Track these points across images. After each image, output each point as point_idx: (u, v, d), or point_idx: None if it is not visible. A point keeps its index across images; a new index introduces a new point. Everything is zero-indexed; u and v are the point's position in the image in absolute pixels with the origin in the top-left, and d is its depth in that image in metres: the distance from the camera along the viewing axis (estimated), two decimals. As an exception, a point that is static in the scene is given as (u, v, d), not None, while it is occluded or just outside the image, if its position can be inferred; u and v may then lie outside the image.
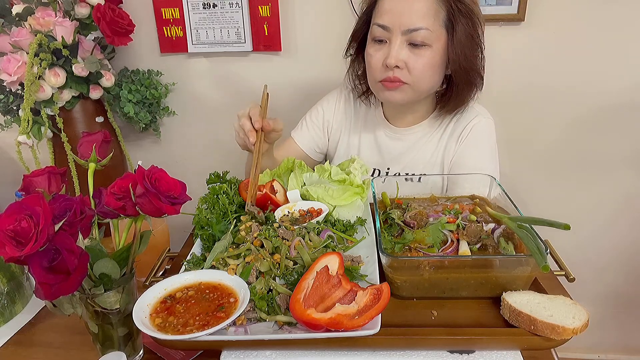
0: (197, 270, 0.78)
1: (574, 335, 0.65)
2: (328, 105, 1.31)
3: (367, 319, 0.64)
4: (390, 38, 1.03)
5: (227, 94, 1.67)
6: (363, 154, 1.26)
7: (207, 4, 1.52)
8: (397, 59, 1.02)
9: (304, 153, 1.31)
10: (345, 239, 0.89)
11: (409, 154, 1.22)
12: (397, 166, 1.23)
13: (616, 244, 1.70)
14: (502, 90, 1.53)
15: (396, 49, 1.02)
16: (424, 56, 1.03)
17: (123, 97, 1.50)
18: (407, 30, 1.00)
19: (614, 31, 1.42)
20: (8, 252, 0.56)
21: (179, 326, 0.65)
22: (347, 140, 1.28)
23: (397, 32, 1.01)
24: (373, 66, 1.07)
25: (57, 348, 0.82)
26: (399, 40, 1.02)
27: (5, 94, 1.38)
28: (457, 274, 0.76)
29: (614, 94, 1.50)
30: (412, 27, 1.00)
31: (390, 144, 1.23)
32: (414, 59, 1.03)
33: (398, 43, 1.02)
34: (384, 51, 1.05)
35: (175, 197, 0.69)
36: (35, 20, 1.30)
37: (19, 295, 0.93)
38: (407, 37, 1.01)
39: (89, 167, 0.79)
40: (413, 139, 1.21)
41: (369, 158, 1.25)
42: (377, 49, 1.06)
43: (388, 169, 1.24)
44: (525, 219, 0.80)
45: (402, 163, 1.22)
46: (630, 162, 1.58)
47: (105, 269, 0.67)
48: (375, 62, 1.06)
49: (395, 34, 1.02)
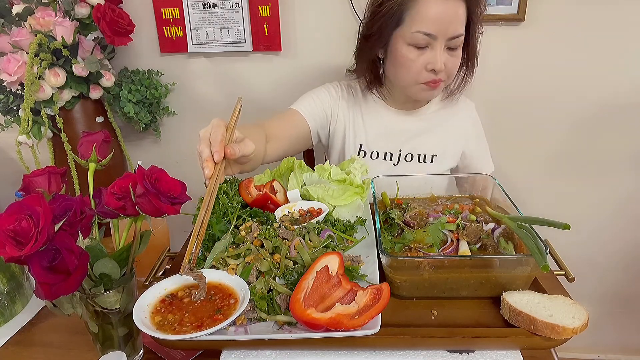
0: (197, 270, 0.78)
1: (573, 335, 0.66)
2: (332, 95, 1.29)
3: (367, 318, 0.64)
4: (434, 45, 1.06)
5: (227, 94, 1.67)
6: (372, 141, 1.27)
7: (207, 4, 1.52)
8: (443, 63, 1.07)
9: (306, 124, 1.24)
10: (345, 239, 0.89)
11: (419, 135, 1.26)
12: (407, 147, 1.26)
13: (616, 243, 1.70)
14: (502, 90, 1.53)
15: (441, 54, 1.07)
16: (457, 57, 1.11)
17: (123, 97, 1.50)
18: (451, 38, 1.06)
19: (613, 31, 1.42)
20: (8, 252, 0.56)
21: (176, 324, 0.65)
22: (353, 130, 1.28)
23: (443, 40, 1.06)
24: (415, 70, 1.10)
25: (57, 348, 0.82)
26: (442, 45, 1.06)
27: (5, 94, 1.38)
28: (457, 273, 0.76)
29: (614, 94, 1.50)
30: (456, 34, 1.06)
31: (398, 127, 1.27)
32: (451, 61, 1.09)
33: (441, 49, 1.07)
34: (426, 56, 1.08)
35: (175, 197, 0.70)
36: (35, 20, 1.30)
37: (19, 295, 0.93)
38: (448, 43, 1.07)
39: (89, 167, 0.79)
40: (420, 121, 1.27)
41: (378, 143, 1.27)
42: (418, 54, 1.08)
43: (400, 150, 1.26)
44: (525, 219, 0.80)
45: (412, 144, 1.26)
46: (630, 162, 1.58)
47: (105, 269, 0.67)
48: (417, 67, 1.09)
49: (440, 41, 1.06)
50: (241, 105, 0.82)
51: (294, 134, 1.22)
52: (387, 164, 1.26)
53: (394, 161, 1.26)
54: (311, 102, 1.26)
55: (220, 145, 0.76)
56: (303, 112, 1.24)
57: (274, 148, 1.12)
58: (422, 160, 1.25)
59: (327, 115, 1.28)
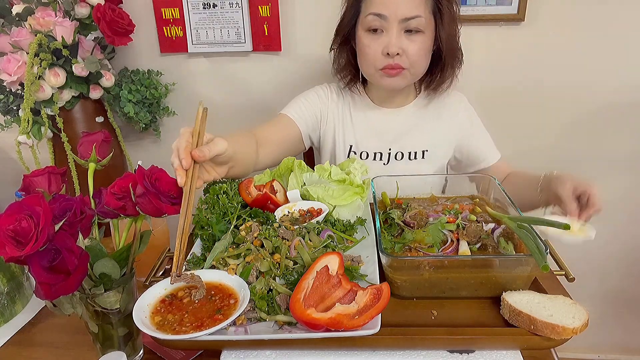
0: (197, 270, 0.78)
1: (573, 335, 0.65)
2: (321, 97, 1.31)
3: (367, 318, 0.64)
4: (387, 27, 1.07)
5: (227, 94, 1.67)
6: (361, 141, 1.27)
7: (207, 4, 1.52)
8: (397, 46, 1.07)
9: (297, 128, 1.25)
10: (345, 239, 0.89)
11: (407, 132, 1.26)
12: (396, 146, 1.26)
13: (616, 243, 1.70)
14: (502, 90, 1.53)
15: (395, 37, 1.06)
16: (417, 42, 1.08)
17: (123, 97, 1.50)
18: (404, 19, 1.05)
19: (613, 31, 1.42)
20: (8, 252, 0.56)
21: (175, 324, 0.65)
22: (343, 132, 1.29)
23: (394, 21, 1.06)
24: (371, 55, 1.11)
25: (57, 348, 0.82)
26: (396, 28, 1.06)
27: (5, 94, 1.38)
28: (457, 273, 0.76)
29: (614, 94, 1.50)
30: (409, 15, 1.05)
31: (386, 125, 1.27)
32: (410, 45, 1.08)
33: (396, 31, 1.06)
34: (381, 41, 1.08)
35: (175, 197, 0.70)
36: (35, 20, 1.30)
37: (19, 295, 0.93)
38: (403, 25, 1.06)
39: (89, 167, 0.79)
40: (407, 118, 1.27)
41: (368, 144, 1.27)
42: (373, 39, 1.10)
43: (390, 149, 1.26)
44: (525, 219, 0.80)
45: (401, 142, 1.26)
46: (630, 162, 1.58)
47: (105, 269, 0.67)
48: (373, 52, 1.10)
49: (392, 23, 1.06)
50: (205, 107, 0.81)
51: (285, 138, 1.23)
52: (377, 164, 1.26)
53: (384, 160, 1.26)
54: (300, 106, 1.27)
55: (185, 152, 0.75)
56: (293, 115, 1.25)
57: (266, 153, 1.13)
58: (412, 158, 1.25)
59: (317, 118, 1.30)
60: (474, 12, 1.44)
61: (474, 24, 1.46)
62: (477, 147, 1.28)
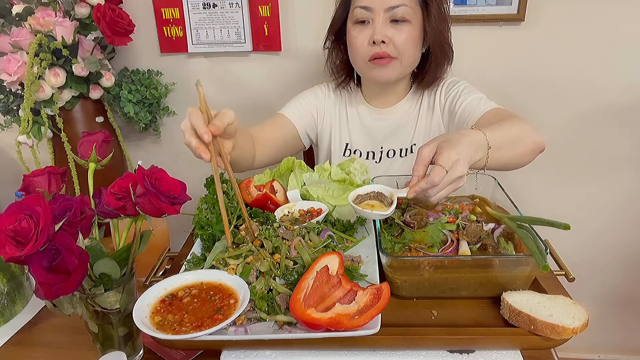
0: (197, 270, 0.78)
1: (573, 335, 0.66)
2: (318, 96, 1.32)
3: (367, 318, 0.64)
4: (373, 17, 1.09)
5: (227, 94, 1.66)
6: (354, 139, 1.29)
7: (207, 4, 1.52)
8: (382, 34, 1.08)
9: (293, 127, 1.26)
10: (345, 239, 0.89)
11: (397, 131, 1.27)
12: (388, 144, 1.27)
13: (616, 243, 1.70)
14: (502, 90, 1.53)
15: (380, 25, 1.08)
16: (404, 31, 1.10)
17: (123, 97, 1.50)
18: (389, 8, 1.08)
19: (613, 31, 1.42)
20: (8, 252, 0.56)
21: (175, 324, 0.65)
22: (339, 130, 1.30)
23: (380, 11, 1.08)
24: (359, 46, 1.12)
25: (57, 348, 0.82)
26: (381, 18, 1.08)
27: (5, 94, 1.38)
28: (457, 273, 0.76)
29: (614, 94, 1.50)
30: (393, 4, 1.07)
31: (378, 124, 1.28)
32: (397, 34, 1.09)
33: (381, 21, 1.08)
34: (368, 31, 1.11)
35: (175, 197, 0.70)
36: (35, 20, 1.30)
37: (19, 295, 0.93)
38: (389, 14, 1.08)
39: (89, 167, 0.79)
40: (398, 117, 1.27)
41: (360, 142, 1.28)
42: (360, 30, 1.12)
43: (382, 147, 1.27)
44: (525, 219, 0.80)
45: (392, 140, 1.27)
46: (630, 162, 1.58)
47: (105, 269, 0.67)
48: (360, 42, 1.12)
49: (377, 13, 1.08)
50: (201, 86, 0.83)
51: (282, 137, 1.24)
52: (369, 162, 1.26)
53: (376, 159, 1.27)
54: (297, 105, 1.29)
55: (204, 127, 0.78)
56: (289, 115, 1.27)
57: (264, 152, 1.14)
58: (404, 154, 1.26)
59: (314, 116, 1.31)
60: (473, 12, 1.44)
61: (474, 24, 1.46)
62: (463, 108, 1.15)
